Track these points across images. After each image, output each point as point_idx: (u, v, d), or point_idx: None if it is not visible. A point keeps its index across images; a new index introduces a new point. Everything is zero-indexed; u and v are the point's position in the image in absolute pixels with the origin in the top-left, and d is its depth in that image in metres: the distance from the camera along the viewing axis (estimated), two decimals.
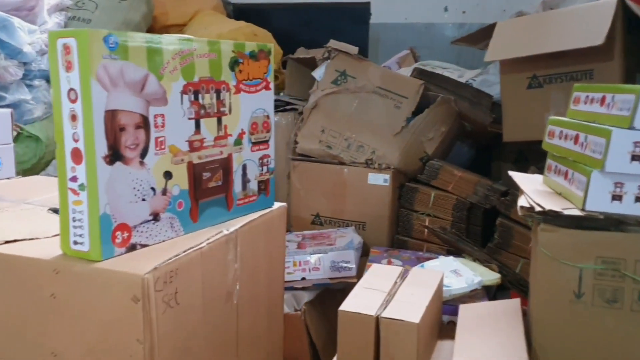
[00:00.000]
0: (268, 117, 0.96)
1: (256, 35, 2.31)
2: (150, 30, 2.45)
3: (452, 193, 1.68)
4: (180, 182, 0.79)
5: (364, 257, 1.66)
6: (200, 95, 0.82)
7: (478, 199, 1.66)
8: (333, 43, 1.84)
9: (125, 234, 0.72)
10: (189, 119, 0.80)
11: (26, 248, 0.75)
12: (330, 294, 1.52)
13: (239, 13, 2.93)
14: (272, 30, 2.55)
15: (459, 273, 1.29)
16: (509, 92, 1.72)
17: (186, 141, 0.81)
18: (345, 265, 1.46)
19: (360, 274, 1.49)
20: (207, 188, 0.85)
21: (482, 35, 1.94)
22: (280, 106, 2.04)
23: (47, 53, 1.71)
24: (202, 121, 0.83)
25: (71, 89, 0.68)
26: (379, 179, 1.78)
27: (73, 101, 0.69)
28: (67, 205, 0.71)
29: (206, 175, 0.84)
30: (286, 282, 1.48)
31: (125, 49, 0.69)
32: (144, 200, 0.75)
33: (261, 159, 0.92)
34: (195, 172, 0.82)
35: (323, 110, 1.84)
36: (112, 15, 2.06)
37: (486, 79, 2.13)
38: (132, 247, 0.74)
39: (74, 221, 0.71)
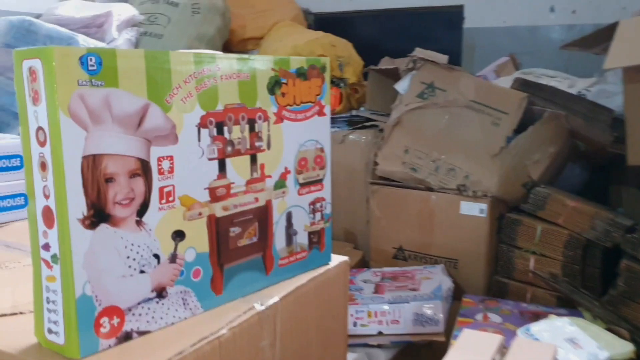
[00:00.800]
0: (322, 149, 0.73)
1: (334, 45, 2.10)
2: (227, 44, 2.32)
3: (564, 227, 1.36)
4: (197, 243, 0.61)
5: (456, 302, 1.37)
6: (226, 128, 0.63)
7: (596, 235, 1.33)
8: (419, 52, 1.58)
9: (115, 321, 0.53)
10: (210, 159, 0.62)
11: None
12: (413, 350, 1.25)
13: (320, 23, 2.75)
14: (356, 40, 2.33)
15: (578, 344, 0.98)
16: (636, 106, 1.37)
17: (206, 189, 0.62)
18: (430, 318, 1.19)
19: (449, 328, 1.21)
20: (237, 248, 0.66)
21: (598, 38, 1.60)
22: (359, 122, 1.82)
23: None
24: (229, 161, 0.64)
25: (39, 128, 0.51)
26: (474, 209, 1.49)
27: (42, 144, 0.51)
28: (40, 281, 0.54)
29: (235, 231, 0.65)
30: (359, 336, 1.24)
31: (112, 72, 0.52)
32: (142, 272, 0.57)
33: (313, 203, 0.75)
34: (219, 229, 0.64)
35: (407, 128, 1.58)
36: (184, 30, 1.94)
37: (604, 89, 1.76)
38: (126, 337, 0.55)
39: (48, 303, 0.53)
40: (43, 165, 0.52)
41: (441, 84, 1.63)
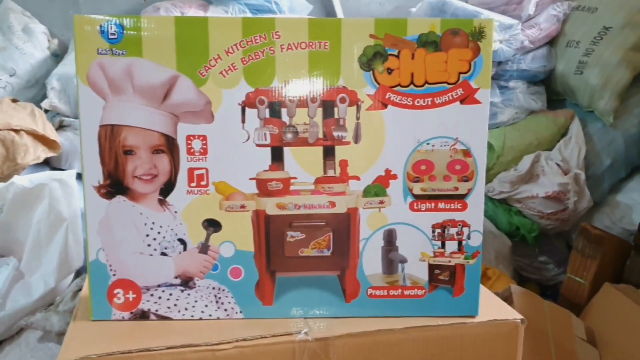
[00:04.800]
0: (468, 152, 0.70)
1: None
2: None
3: None
4: (237, 239, 0.71)
5: None
6: (285, 110, 0.68)
7: None
8: None
9: (131, 295, 0.71)
10: (259, 145, 0.69)
11: None
12: None
13: None
14: None
15: None
16: None
17: (252, 179, 0.70)
18: None
19: None
20: (297, 257, 0.73)
21: None
22: None
23: (530, 51, 1.82)
24: (289, 151, 0.70)
25: None
26: None
27: None
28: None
29: (295, 236, 0.72)
30: None
31: (135, 41, 0.65)
32: (164, 254, 0.71)
33: (440, 226, 0.73)
34: (269, 229, 0.71)
35: None
36: (625, 0, 1.81)
37: None
38: (142, 315, 0.73)
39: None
40: None
41: None
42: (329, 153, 0.70)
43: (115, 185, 0.69)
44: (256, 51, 0.66)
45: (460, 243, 0.73)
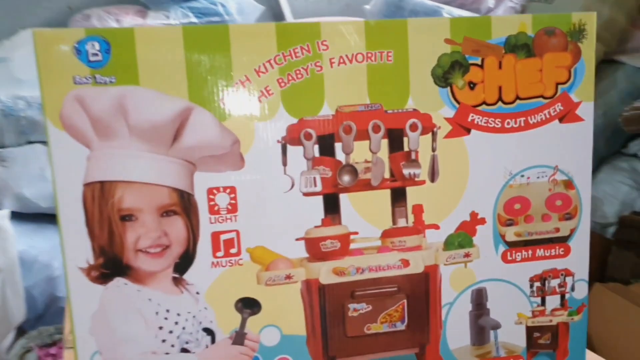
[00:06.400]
0: (570, 184, 0.56)
1: None
2: None
3: None
4: (283, 321, 0.53)
5: None
6: (341, 145, 0.51)
7: None
8: None
9: None
10: (307, 194, 0.51)
11: None
12: None
13: None
14: None
15: None
16: None
17: (299, 239, 0.52)
18: None
19: None
20: (363, 337, 0.55)
21: None
22: None
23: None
24: (347, 198, 0.52)
25: None
26: None
27: None
28: None
29: (359, 309, 0.55)
30: None
31: (128, 63, 0.46)
32: (185, 351, 0.52)
33: (541, 278, 0.58)
34: (326, 303, 0.54)
35: None
36: None
37: None
38: None
39: None
40: None
41: None
42: (398, 197, 0.53)
43: (111, 264, 0.49)
44: (297, 68, 0.49)
45: (563, 297, 0.59)
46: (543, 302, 0.59)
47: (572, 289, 0.59)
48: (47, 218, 1.42)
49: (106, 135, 0.47)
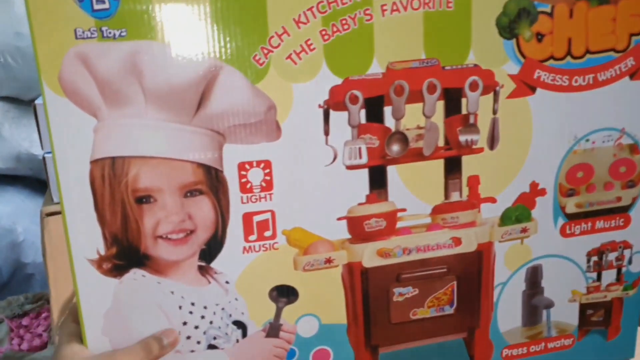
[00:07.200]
0: (636, 147, 0.53)
1: None
2: None
3: None
4: (322, 309, 0.49)
5: None
6: (391, 109, 0.44)
7: None
8: None
9: None
10: (351, 167, 0.45)
11: None
12: None
13: None
14: None
15: None
16: None
17: (341, 219, 0.47)
18: None
19: None
20: (409, 322, 0.51)
21: None
22: None
23: None
24: (394, 171, 0.46)
25: None
26: None
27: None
28: None
29: (405, 292, 0.50)
30: None
31: (140, 13, 0.38)
32: (213, 347, 0.47)
33: (598, 252, 0.54)
34: (370, 287, 0.49)
35: None
36: None
37: None
38: None
39: None
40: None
41: None
42: (452, 168, 0.47)
43: (126, 254, 0.43)
44: (343, 17, 0.42)
45: (619, 271, 0.55)
46: (599, 278, 0.55)
47: (630, 261, 0.55)
48: (6, 179, 1.33)
49: (117, 101, 0.40)
